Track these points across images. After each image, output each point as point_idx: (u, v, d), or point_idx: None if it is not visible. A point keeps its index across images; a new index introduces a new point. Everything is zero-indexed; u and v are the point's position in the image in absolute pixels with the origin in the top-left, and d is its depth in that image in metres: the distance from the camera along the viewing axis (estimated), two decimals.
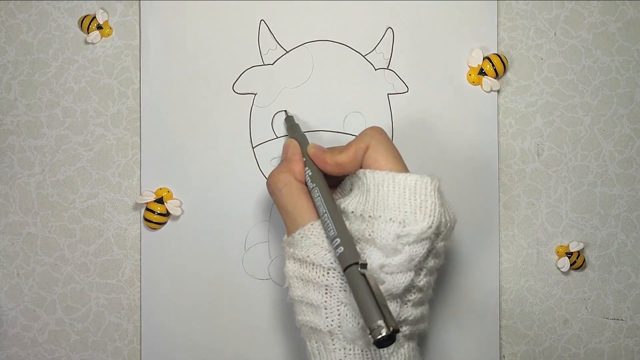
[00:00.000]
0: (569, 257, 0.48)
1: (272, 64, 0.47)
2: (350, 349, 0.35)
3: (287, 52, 0.48)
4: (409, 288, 0.36)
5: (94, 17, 0.48)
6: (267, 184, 0.40)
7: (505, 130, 0.48)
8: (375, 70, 0.47)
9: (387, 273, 0.35)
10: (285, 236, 0.39)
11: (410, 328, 0.37)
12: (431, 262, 0.37)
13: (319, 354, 0.37)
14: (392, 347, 0.36)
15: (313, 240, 0.37)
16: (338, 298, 0.36)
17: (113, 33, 0.48)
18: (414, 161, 0.47)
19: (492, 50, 0.48)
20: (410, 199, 0.35)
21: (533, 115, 0.48)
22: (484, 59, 0.47)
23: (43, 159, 0.48)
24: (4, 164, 0.48)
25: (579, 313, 0.48)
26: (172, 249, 0.47)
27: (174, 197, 0.47)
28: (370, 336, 0.31)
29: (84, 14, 0.48)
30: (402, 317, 0.36)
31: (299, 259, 0.37)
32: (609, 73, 0.49)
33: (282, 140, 0.47)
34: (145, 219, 0.47)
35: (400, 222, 0.35)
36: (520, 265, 0.48)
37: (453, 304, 0.47)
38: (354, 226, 0.37)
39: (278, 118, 0.47)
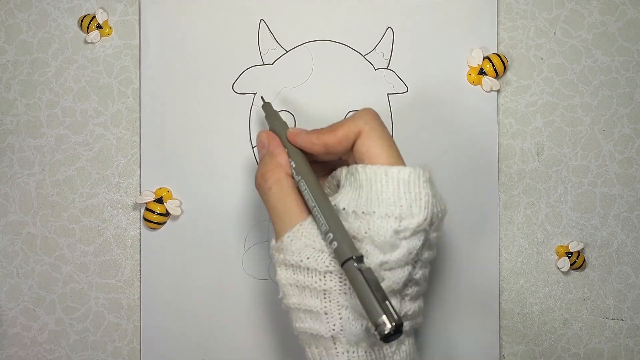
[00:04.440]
0: (569, 257, 0.48)
1: (272, 64, 0.47)
2: (354, 352, 0.34)
3: (287, 52, 0.47)
4: (407, 282, 0.36)
5: (94, 17, 0.47)
6: (257, 184, 0.37)
7: (505, 130, 0.48)
8: (375, 70, 0.47)
9: (386, 270, 0.34)
10: (273, 241, 0.36)
11: (410, 323, 0.36)
12: (426, 254, 0.36)
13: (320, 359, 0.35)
14: (394, 344, 0.35)
15: (304, 242, 0.35)
16: (338, 302, 0.34)
17: (113, 33, 0.48)
18: (414, 161, 0.47)
19: (492, 50, 0.48)
20: (405, 193, 0.34)
21: (533, 115, 0.48)
22: (484, 58, 0.47)
23: (43, 159, 0.48)
24: (3, 164, 0.48)
25: (579, 313, 0.48)
26: (171, 249, 0.47)
27: (173, 197, 0.47)
28: (376, 333, 0.31)
29: (83, 14, 0.48)
30: (402, 312, 0.36)
31: (292, 264, 0.35)
32: (609, 73, 0.49)
33: None
34: (145, 219, 0.47)
35: (397, 217, 0.34)
36: (520, 265, 0.48)
37: (453, 303, 0.47)
38: (346, 224, 0.35)
39: None
